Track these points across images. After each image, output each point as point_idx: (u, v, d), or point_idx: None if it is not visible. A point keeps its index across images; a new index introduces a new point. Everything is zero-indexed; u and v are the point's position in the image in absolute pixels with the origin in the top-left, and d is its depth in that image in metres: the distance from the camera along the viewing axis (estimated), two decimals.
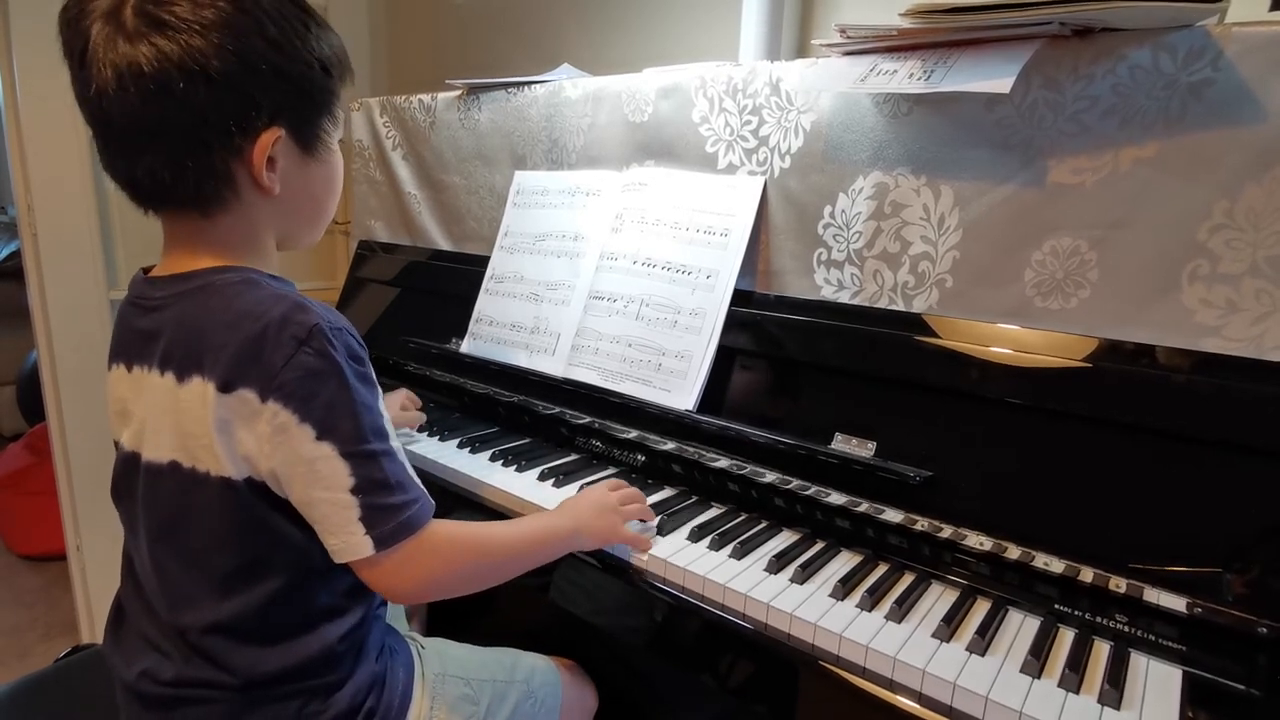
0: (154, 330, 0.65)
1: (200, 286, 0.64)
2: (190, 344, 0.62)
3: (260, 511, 0.64)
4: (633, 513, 0.85)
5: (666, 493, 0.98)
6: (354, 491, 0.61)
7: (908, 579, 0.79)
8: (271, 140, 0.63)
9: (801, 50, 1.27)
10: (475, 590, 0.72)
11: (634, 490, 0.89)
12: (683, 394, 0.96)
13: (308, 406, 0.60)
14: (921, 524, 0.79)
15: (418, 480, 0.67)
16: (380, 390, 0.66)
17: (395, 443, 0.65)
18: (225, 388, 0.60)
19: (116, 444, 0.71)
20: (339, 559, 0.63)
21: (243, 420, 0.60)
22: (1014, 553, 0.74)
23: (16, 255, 2.25)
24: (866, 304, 0.89)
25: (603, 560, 0.86)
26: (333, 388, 0.60)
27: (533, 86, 1.24)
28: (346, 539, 0.62)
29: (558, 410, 1.10)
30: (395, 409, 1.12)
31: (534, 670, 0.89)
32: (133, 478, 0.67)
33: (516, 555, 0.75)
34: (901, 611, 0.72)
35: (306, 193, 0.70)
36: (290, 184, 0.66)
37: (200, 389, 0.61)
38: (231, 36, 0.59)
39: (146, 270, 0.70)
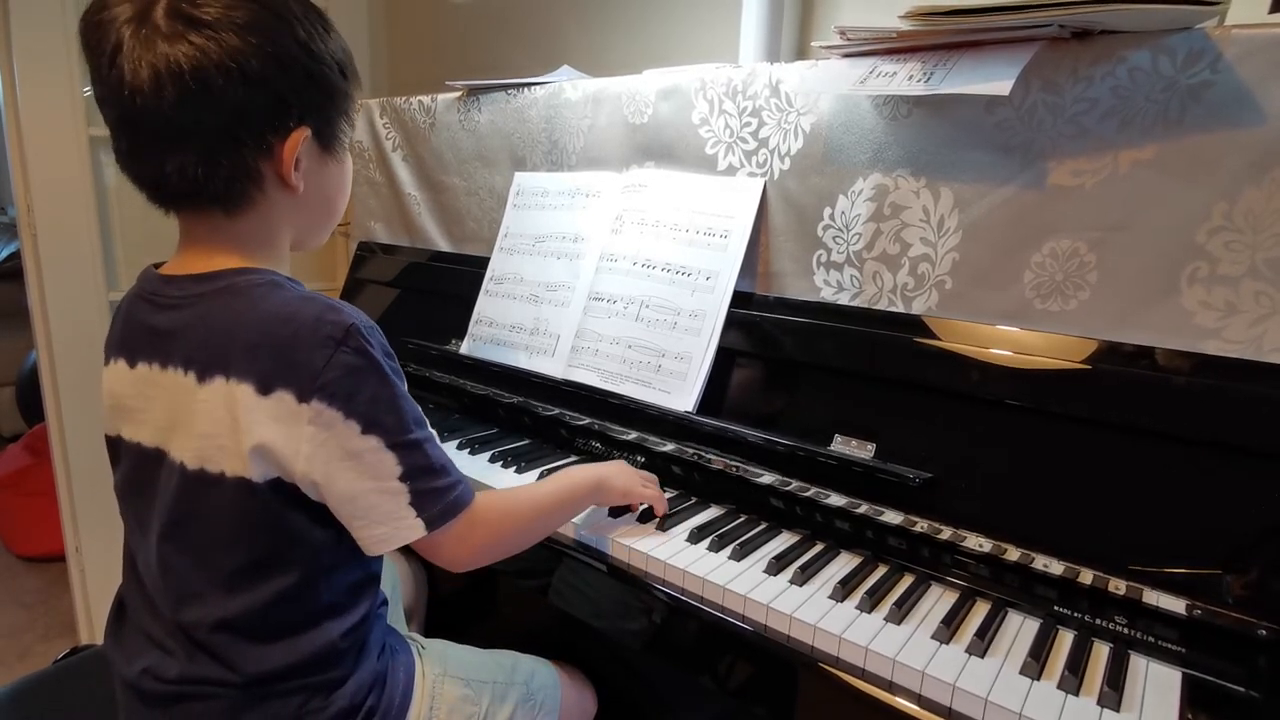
0: (170, 329, 0.65)
1: (224, 287, 0.64)
2: (215, 345, 0.62)
3: (277, 511, 0.64)
4: (649, 484, 0.90)
5: (666, 494, 0.98)
6: (403, 479, 0.64)
7: (907, 580, 0.79)
8: (300, 139, 0.64)
9: (801, 52, 1.27)
10: (518, 551, 0.77)
11: (652, 475, 0.94)
12: (682, 395, 0.97)
13: (351, 403, 0.61)
14: (921, 525, 0.79)
15: (454, 462, 0.69)
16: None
17: (431, 429, 0.68)
18: (264, 390, 0.61)
19: (115, 439, 0.71)
20: (382, 548, 0.65)
21: (279, 422, 0.61)
22: (1013, 554, 0.74)
23: (16, 256, 2.25)
24: (866, 305, 0.89)
25: (602, 561, 0.86)
26: (374, 383, 0.62)
27: (532, 88, 1.24)
28: (396, 525, 0.64)
29: (557, 411, 1.10)
30: None
31: (533, 672, 0.89)
32: (153, 474, 0.67)
33: (552, 511, 0.80)
34: (901, 613, 0.72)
35: (322, 192, 0.71)
36: (310, 183, 0.68)
37: (224, 390, 0.61)
38: (267, 37, 0.60)
39: (158, 265, 0.70)
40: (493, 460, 1.06)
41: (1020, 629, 0.72)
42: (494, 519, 0.72)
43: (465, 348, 1.23)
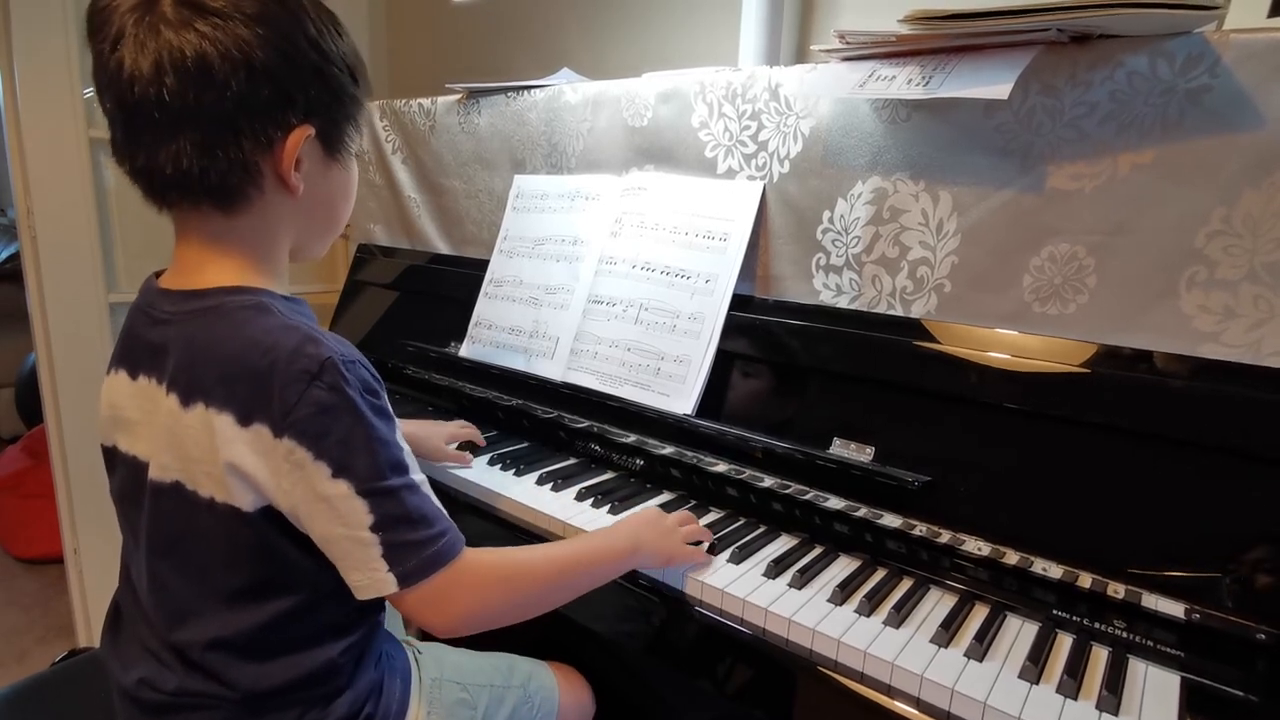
0: (162, 345, 0.64)
1: (211, 307, 0.62)
2: (195, 369, 0.61)
3: (270, 539, 0.62)
4: (690, 534, 0.83)
5: (665, 497, 0.98)
6: (374, 529, 0.60)
7: (906, 584, 0.79)
8: (302, 138, 0.62)
9: (801, 56, 1.27)
10: (525, 618, 0.70)
11: (687, 514, 0.87)
12: (681, 398, 0.96)
13: (321, 444, 0.58)
14: (920, 529, 0.79)
15: (444, 512, 0.65)
16: (397, 422, 0.64)
17: (417, 475, 0.63)
18: (243, 422, 0.59)
19: (111, 449, 0.70)
20: (363, 595, 0.62)
21: (259, 454, 0.59)
22: (1012, 558, 0.74)
23: (16, 258, 2.25)
24: (865, 309, 0.89)
25: None
26: (347, 424, 0.59)
27: (532, 91, 1.24)
28: (370, 575, 0.61)
29: (556, 414, 1.10)
30: (442, 441, 1.07)
31: (531, 675, 0.89)
32: (140, 488, 0.66)
33: (565, 579, 0.73)
34: (900, 616, 0.72)
35: (324, 198, 0.69)
36: (311, 187, 0.66)
37: (204, 417, 0.60)
38: (276, 30, 0.59)
39: (158, 274, 0.68)
40: (491, 463, 1.06)
41: (1019, 633, 0.72)
42: (485, 583, 0.65)
43: (464, 350, 1.23)
